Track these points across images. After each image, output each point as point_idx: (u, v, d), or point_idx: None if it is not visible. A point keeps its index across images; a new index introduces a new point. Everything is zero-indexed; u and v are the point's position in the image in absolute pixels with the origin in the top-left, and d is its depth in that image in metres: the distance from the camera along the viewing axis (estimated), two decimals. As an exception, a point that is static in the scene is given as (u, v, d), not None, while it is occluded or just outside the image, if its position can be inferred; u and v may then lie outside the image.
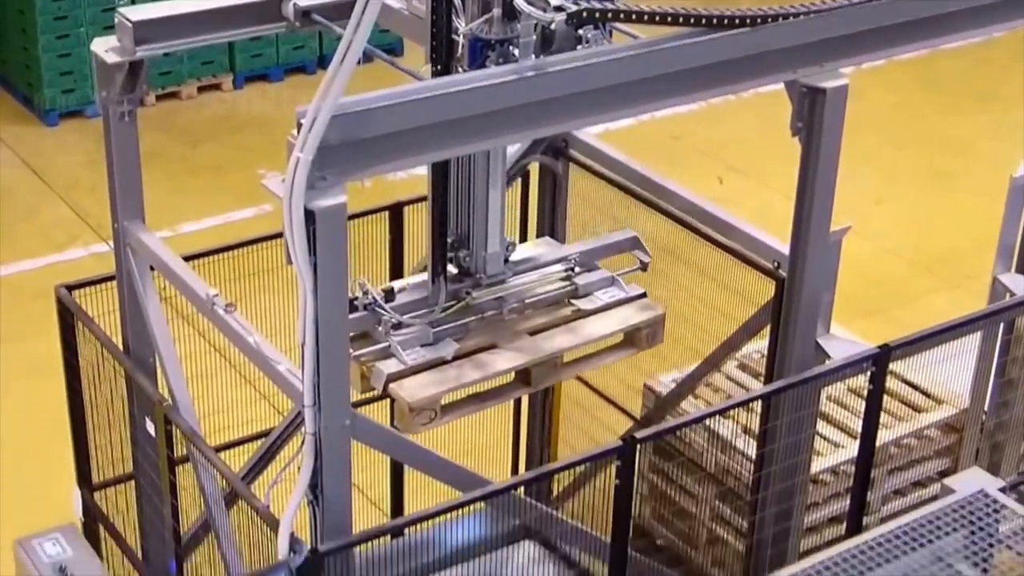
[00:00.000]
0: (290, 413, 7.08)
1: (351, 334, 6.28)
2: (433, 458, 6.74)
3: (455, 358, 6.66)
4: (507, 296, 6.94)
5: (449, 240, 6.81)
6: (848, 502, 7.78)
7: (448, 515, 6.54)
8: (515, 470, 8.98)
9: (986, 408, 8.28)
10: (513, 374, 6.89)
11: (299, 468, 5.93)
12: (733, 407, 7.28)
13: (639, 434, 6.81)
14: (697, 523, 8.21)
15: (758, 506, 7.38)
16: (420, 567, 7.50)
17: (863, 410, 7.45)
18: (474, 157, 6.70)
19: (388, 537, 7.81)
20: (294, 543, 5.80)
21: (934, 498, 6.33)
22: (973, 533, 6.13)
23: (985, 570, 6.10)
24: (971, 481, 6.38)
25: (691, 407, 8.09)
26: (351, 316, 6.21)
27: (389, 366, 6.51)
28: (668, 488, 8.43)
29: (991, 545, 6.15)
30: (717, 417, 7.34)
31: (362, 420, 6.08)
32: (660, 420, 7.54)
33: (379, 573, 6.71)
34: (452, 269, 6.88)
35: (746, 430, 7.95)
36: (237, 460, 7.72)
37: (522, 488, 7.64)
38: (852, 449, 7.78)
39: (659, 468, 8.48)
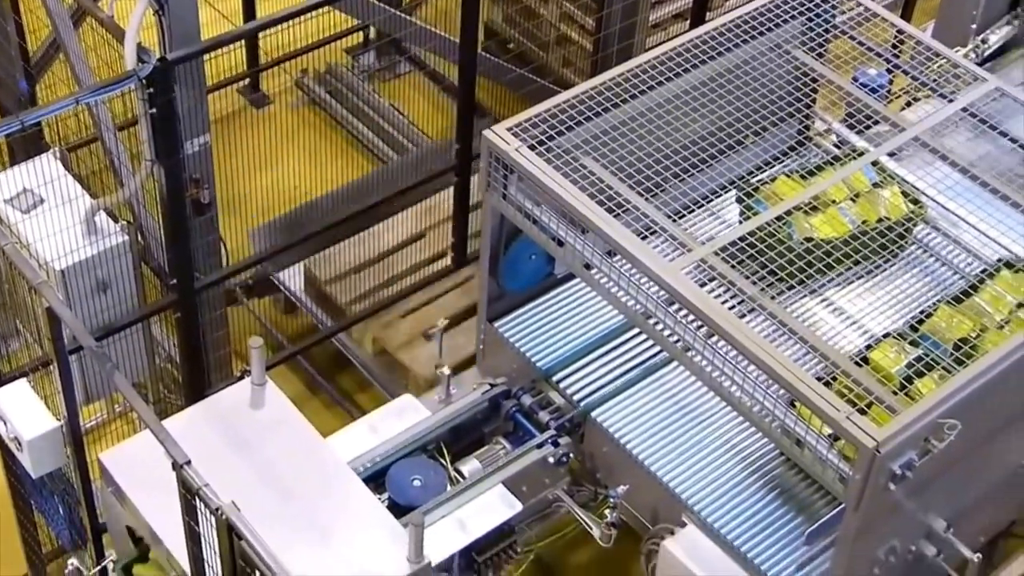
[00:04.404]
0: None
1: None
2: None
3: None
4: None
5: None
6: (693, -3, 7.90)
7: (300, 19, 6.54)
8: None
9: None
10: None
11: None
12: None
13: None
14: (545, 23, 8.32)
15: (604, 2, 7.48)
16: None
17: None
18: None
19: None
20: (142, 53, 5.78)
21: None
22: (811, 20, 6.31)
23: (820, 55, 6.33)
24: (810, -31, 6.49)
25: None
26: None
27: None
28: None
29: (827, 31, 6.35)
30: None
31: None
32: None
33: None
34: None
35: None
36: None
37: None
38: (699, -56, 7.83)
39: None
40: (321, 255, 7.40)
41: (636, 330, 6.04)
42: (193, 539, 4.55)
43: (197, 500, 4.38)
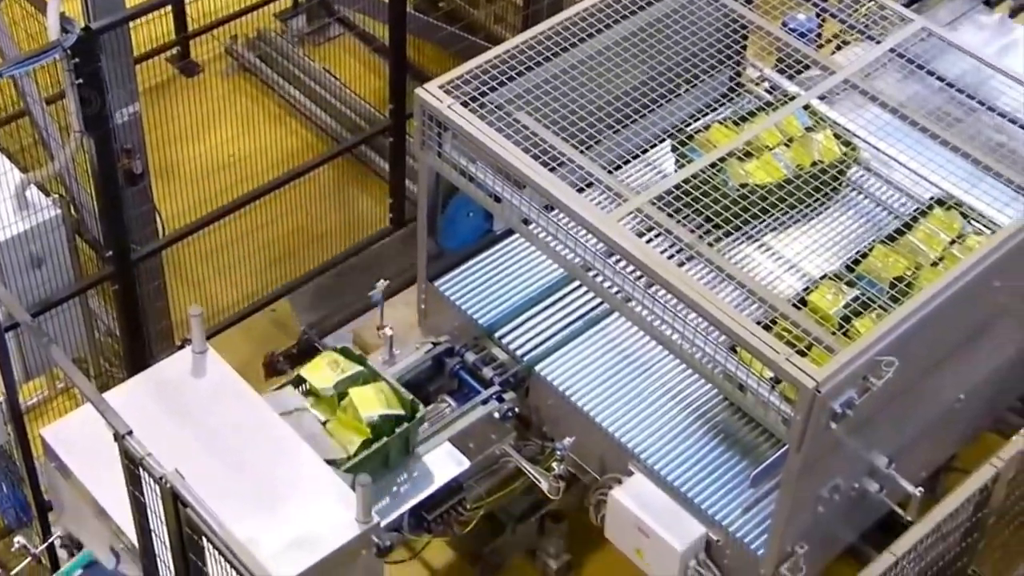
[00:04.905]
0: None
1: None
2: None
3: None
4: None
5: None
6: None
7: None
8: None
9: None
10: None
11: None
12: None
13: None
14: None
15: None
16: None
17: None
18: None
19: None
20: (65, 23, 5.70)
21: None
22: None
23: (750, 1, 6.33)
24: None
25: None
26: None
27: None
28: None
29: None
30: None
31: None
32: None
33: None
34: None
35: None
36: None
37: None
38: None
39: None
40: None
41: (576, 283, 6.06)
42: (139, 509, 4.53)
43: (140, 470, 4.36)
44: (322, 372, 5.55)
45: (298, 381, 5.59)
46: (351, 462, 5.32)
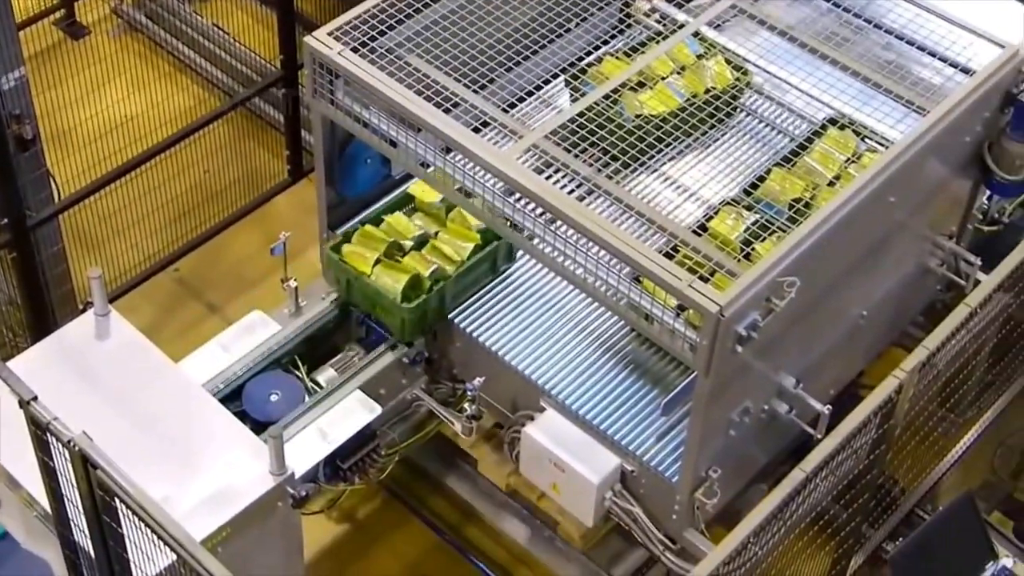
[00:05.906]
0: None
1: None
2: None
3: None
4: None
5: None
6: None
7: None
8: None
9: None
10: None
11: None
12: None
13: None
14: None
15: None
16: None
17: None
18: None
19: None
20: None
21: None
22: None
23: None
24: None
25: None
26: None
27: None
28: None
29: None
30: None
31: None
32: None
33: None
34: None
35: None
36: None
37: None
38: None
39: None
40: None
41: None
42: (49, 475, 4.48)
43: (48, 435, 4.30)
44: (429, 189, 5.94)
45: (406, 199, 6.05)
46: (465, 265, 5.78)
